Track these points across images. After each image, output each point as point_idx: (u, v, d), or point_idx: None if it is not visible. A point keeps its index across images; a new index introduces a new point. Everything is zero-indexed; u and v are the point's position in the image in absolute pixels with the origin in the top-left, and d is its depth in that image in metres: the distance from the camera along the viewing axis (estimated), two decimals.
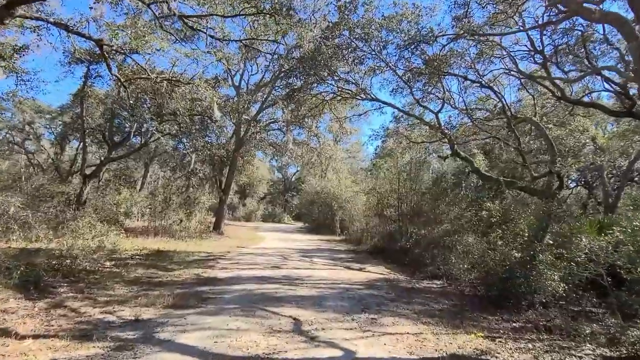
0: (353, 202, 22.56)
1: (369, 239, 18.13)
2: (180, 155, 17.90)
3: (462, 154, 11.78)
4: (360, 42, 11.01)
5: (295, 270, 9.60)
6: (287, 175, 59.18)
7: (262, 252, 13.53)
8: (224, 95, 19.14)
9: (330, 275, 9.12)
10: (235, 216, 42.33)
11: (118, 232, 12.69)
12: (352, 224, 21.98)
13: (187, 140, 16.53)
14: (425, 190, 15.86)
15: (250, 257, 11.98)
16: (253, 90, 19.00)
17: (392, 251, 14.11)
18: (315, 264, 11.10)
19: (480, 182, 24.10)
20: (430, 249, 12.03)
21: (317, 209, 30.60)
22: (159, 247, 12.14)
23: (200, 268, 9.19)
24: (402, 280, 9.38)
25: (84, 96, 17.14)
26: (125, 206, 20.01)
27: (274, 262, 10.92)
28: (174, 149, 18.71)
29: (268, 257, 12.13)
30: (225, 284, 7.45)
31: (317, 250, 15.68)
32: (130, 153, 19.45)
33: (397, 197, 16.42)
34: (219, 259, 11.12)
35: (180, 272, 8.49)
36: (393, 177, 17.40)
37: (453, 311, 6.50)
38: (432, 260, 11.38)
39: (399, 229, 15.57)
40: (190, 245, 14.12)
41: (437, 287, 8.86)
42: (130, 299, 5.94)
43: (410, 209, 15.89)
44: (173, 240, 15.00)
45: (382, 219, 17.37)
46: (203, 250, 12.84)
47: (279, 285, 7.48)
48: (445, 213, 13.95)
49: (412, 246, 13.04)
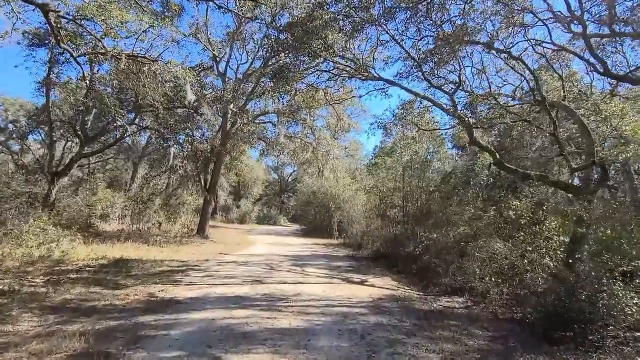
0: (352, 202, 20.67)
1: (370, 243, 16.25)
2: (156, 149, 15.94)
3: (483, 144, 9.90)
4: (360, 12, 9.18)
5: (282, 286, 7.68)
6: (283, 176, 57.33)
7: (246, 260, 11.60)
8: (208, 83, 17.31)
9: (325, 293, 7.20)
10: (228, 218, 40.39)
11: (75, 238, 10.88)
12: (351, 227, 20.08)
13: (166, 132, 14.58)
14: (434, 188, 13.99)
15: (230, 267, 10.06)
16: (241, 79, 17.11)
17: (398, 258, 12.25)
18: (308, 276, 9.19)
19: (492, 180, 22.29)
20: (444, 255, 10.20)
21: (313, 210, 28.72)
22: (123, 256, 10.21)
23: (161, 284, 7.27)
24: (416, 298, 7.47)
25: (49, 84, 15.25)
26: (101, 207, 18.15)
27: (257, 274, 8.99)
28: (148, 143, 16.79)
29: (252, 267, 10.21)
30: (182, 310, 5.52)
31: (312, 256, 13.77)
32: (106, 148, 17.51)
33: (403, 197, 14.54)
34: (191, 270, 9.20)
35: (131, 291, 6.57)
36: (397, 174, 15.55)
37: (496, 351, 4.60)
38: (447, 269, 9.56)
39: (405, 232, 13.70)
40: (165, 252, 12.20)
41: (460, 307, 6.97)
42: (26, 340, 4.03)
43: (418, 210, 14.04)
44: (146, 246, 13.06)
45: (385, 220, 15.47)
46: (177, 259, 10.92)
47: (254, 312, 5.56)
48: (458, 214, 12.09)
49: (421, 252, 11.16)
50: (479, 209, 12.04)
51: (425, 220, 13.19)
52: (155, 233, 16.09)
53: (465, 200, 13.15)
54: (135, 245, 12.93)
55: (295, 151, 17.80)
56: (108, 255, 10.03)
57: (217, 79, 17.98)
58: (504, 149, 17.92)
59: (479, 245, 8.65)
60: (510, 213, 9.38)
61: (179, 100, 12.43)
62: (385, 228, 15.38)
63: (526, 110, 10.97)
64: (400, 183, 14.85)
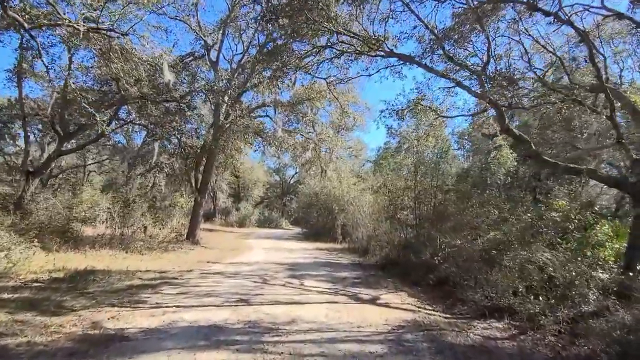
0: (357, 203, 19.00)
1: (378, 249, 14.60)
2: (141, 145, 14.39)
3: (516, 132, 8.25)
4: None
5: (273, 307, 6.06)
6: (285, 177, 55.74)
7: (236, 270, 9.99)
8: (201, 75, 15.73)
9: (327, 318, 5.57)
10: (228, 221, 38.83)
11: (30, 245, 9.31)
12: (356, 230, 18.42)
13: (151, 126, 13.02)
14: (451, 187, 12.37)
15: (215, 279, 8.45)
16: (235, 68, 15.55)
17: (411, 266, 10.65)
18: (307, 292, 7.56)
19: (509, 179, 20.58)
20: (469, 265, 8.60)
21: (315, 212, 27.08)
22: (90, 266, 8.62)
23: (118, 306, 5.67)
24: (443, 323, 5.82)
25: (21, 73, 13.75)
26: (83, 210, 16.59)
27: (245, 289, 7.36)
28: (144, 143, 15.27)
29: (241, 279, 8.59)
30: (126, 352, 3.91)
31: (313, 264, 12.14)
32: (86, 144, 15.95)
33: (414, 197, 12.90)
34: (166, 284, 7.60)
35: (72, 318, 4.97)
36: (409, 172, 13.93)
37: None
38: (474, 282, 7.98)
39: (418, 237, 12.06)
40: (145, 261, 10.63)
41: (504, 337, 5.32)
42: None
43: (432, 211, 12.42)
44: (124, 253, 11.49)
45: (394, 223, 13.83)
46: (155, 269, 9.33)
47: (228, 356, 3.94)
48: (481, 216, 10.48)
49: (440, 261, 9.50)
50: (505, 210, 10.45)
51: (442, 223, 11.59)
52: (139, 238, 14.51)
53: (487, 200, 11.55)
54: (111, 252, 11.38)
55: (295, 147, 16.19)
56: (70, 266, 8.43)
57: (209, 71, 16.46)
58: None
59: (518, 254, 7.02)
60: (552, 215, 7.77)
61: (185, 104, 10.83)
62: (395, 232, 13.75)
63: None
64: (412, 181, 13.22)
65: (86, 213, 16.08)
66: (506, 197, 14.07)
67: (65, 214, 15.87)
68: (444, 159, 14.16)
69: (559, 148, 12.44)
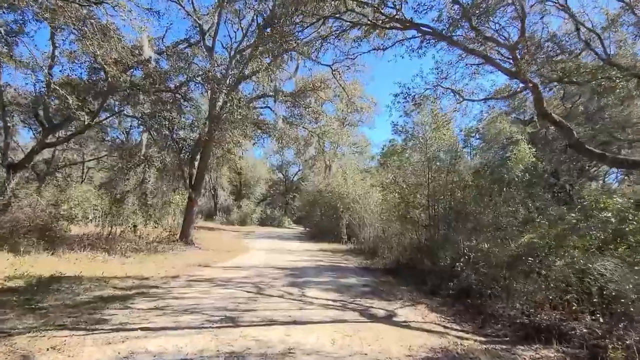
0: (364, 201, 17.75)
1: (387, 251, 13.36)
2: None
3: (556, 117, 6.98)
4: None
5: (266, 330, 4.84)
6: (288, 175, 54.59)
7: (229, 276, 8.79)
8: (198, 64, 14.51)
9: (335, 348, 4.34)
10: (229, 220, 37.75)
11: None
12: (363, 230, 17.20)
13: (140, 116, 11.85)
14: (471, 182, 11.09)
15: (201, 289, 7.25)
16: (233, 55, 14.34)
17: (425, 271, 9.44)
18: (309, 306, 6.33)
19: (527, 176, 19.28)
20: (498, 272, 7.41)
21: (319, 210, 25.87)
22: (58, 272, 7.47)
23: (68, 329, 4.49)
24: (480, 351, 4.59)
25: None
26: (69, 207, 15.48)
27: (235, 303, 6.15)
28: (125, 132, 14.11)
29: (232, 288, 7.39)
30: None
31: (316, 269, 10.92)
32: (72, 136, 14.80)
33: (428, 194, 11.62)
34: (141, 295, 6.42)
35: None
36: (422, 166, 12.68)
37: None
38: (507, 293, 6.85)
39: (434, 239, 10.82)
40: (127, 265, 9.48)
41: None
42: None
43: (449, 210, 11.18)
44: (107, 255, 10.33)
45: (406, 223, 12.56)
46: (136, 275, 8.18)
47: None
48: (506, 216, 9.27)
49: (463, 267, 8.25)
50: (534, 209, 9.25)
51: (461, 223, 10.36)
52: (128, 238, 13.37)
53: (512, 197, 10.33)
54: (92, 255, 10.23)
55: (297, 140, 14.95)
56: (36, 272, 7.28)
57: (206, 59, 15.22)
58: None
59: (567, 262, 5.79)
60: (604, 215, 6.49)
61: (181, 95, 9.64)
62: (407, 232, 12.49)
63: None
64: (425, 177, 11.95)
65: (73, 211, 15.00)
66: (526, 195, 12.87)
67: (50, 211, 14.81)
68: (459, 153, 12.91)
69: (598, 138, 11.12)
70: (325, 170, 20.17)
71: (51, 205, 14.92)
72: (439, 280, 8.78)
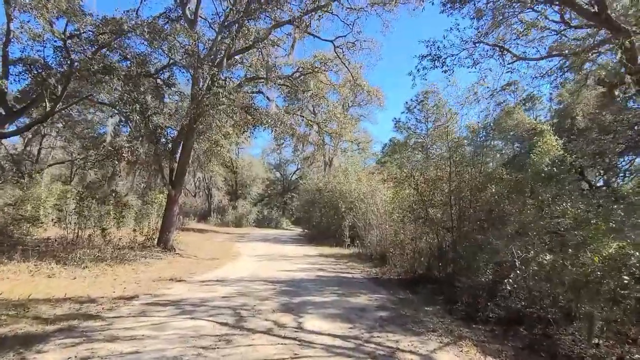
0: (369, 200, 15.71)
1: (398, 257, 11.35)
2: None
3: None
4: None
5: None
6: (286, 174, 52.56)
7: (203, 296, 6.73)
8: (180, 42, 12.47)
9: None
10: (224, 221, 35.68)
11: None
12: (369, 232, 15.18)
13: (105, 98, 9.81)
14: (505, 176, 9.10)
15: (157, 319, 5.21)
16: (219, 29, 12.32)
17: (454, 286, 7.46)
18: (306, 349, 4.30)
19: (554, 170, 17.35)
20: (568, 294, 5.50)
21: (318, 211, 23.83)
22: None
23: None
24: None
25: None
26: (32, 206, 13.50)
27: (196, 348, 4.12)
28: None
29: (201, 317, 5.34)
30: None
31: (316, 282, 8.88)
32: (32, 125, 12.74)
33: (449, 191, 9.63)
34: (61, 334, 4.39)
35: None
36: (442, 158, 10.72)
37: None
38: (589, 323, 4.94)
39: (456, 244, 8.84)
40: (79, 279, 7.49)
41: None
42: None
43: (478, 209, 9.23)
44: (59, 266, 8.28)
45: (420, 225, 10.53)
46: (80, 295, 6.17)
47: None
48: (559, 216, 7.29)
49: (514, 286, 6.21)
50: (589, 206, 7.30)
51: (496, 225, 8.42)
52: (95, 244, 11.33)
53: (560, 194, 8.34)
54: (41, 265, 8.17)
55: (293, 129, 12.89)
56: None
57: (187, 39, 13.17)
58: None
59: None
60: None
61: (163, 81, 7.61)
62: (424, 236, 10.47)
63: None
64: (446, 171, 9.96)
65: (32, 212, 13.00)
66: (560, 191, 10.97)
67: (9, 212, 12.84)
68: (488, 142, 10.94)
69: None
70: (325, 167, 18.14)
71: (9, 206, 12.96)
72: (471, 297, 6.86)
